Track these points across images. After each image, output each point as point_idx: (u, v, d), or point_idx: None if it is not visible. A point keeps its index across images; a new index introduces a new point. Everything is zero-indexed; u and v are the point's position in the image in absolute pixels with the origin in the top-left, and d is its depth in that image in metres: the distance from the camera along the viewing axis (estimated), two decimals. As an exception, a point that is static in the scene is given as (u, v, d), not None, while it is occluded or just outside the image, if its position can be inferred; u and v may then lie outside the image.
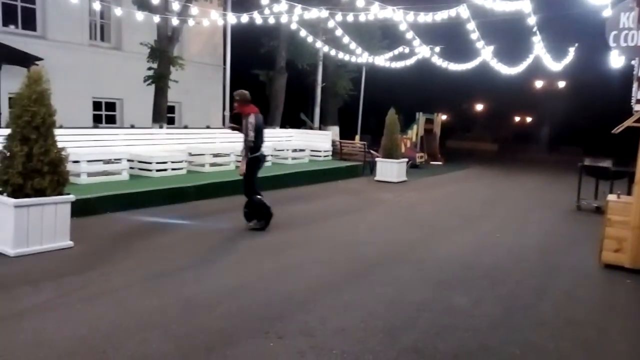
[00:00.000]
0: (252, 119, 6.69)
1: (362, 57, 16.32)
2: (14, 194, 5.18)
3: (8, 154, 5.22)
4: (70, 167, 5.86)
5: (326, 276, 5.15)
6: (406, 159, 14.12)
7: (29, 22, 14.87)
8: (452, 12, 10.90)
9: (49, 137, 5.29)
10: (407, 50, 17.55)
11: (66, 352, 3.25)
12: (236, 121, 7.14)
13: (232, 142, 13.01)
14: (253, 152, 6.81)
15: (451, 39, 17.19)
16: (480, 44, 14.35)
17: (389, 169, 13.18)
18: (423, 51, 16.64)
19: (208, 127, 16.05)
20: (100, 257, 5.38)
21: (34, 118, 5.16)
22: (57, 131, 5.50)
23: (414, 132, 18.18)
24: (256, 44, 18.08)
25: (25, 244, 5.23)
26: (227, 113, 15.36)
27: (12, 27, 14.48)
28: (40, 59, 12.63)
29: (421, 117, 18.63)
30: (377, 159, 13.74)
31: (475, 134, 35.25)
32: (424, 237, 7.13)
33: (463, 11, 10.73)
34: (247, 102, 6.86)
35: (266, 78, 18.31)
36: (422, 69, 19.51)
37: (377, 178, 13.27)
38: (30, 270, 4.80)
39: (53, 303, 4.07)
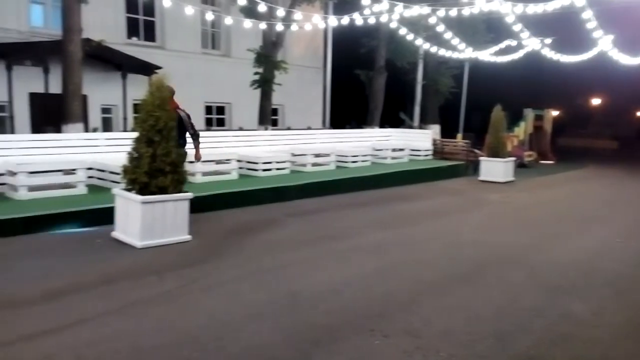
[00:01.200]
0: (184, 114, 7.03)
1: (464, 52, 15.76)
2: (140, 192, 5.71)
3: (136, 155, 5.77)
4: (187, 167, 6.33)
5: (429, 277, 5.08)
6: (513, 158, 13.42)
7: (149, 34, 16.28)
8: (566, 1, 10.16)
9: (170, 140, 5.77)
10: (514, 43, 16.65)
11: (188, 338, 3.54)
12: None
13: (333, 143, 13.28)
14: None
15: (564, 30, 16.03)
16: (597, 34, 13.22)
17: (495, 169, 12.62)
18: (532, 44, 15.68)
19: (309, 128, 16.47)
20: (214, 250, 5.76)
21: (157, 122, 5.65)
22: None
23: (522, 130, 17.22)
24: (356, 45, 18.21)
25: (150, 237, 5.74)
26: (328, 115, 15.63)
27: (134, 39, 15.94)
28: (159, 68, 13.77)
29: (530, 114, 17.59)
30: (480, 158, 13.22)
31: (591, 130, 32.50)
32: (534, 241, 6.74)
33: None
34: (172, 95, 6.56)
35: (365, 78, 18.36)
36: (530, 62, 18.40)
37: (481, 178, 12.77)
38: (155, 261, 5.27)
39: (176, 292, 4.44)
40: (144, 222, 5.66)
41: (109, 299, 4.21)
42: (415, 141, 15.12)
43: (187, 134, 7.11)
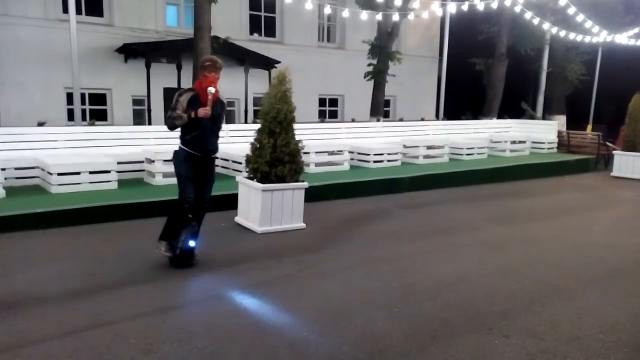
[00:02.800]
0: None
1: (598, 36, 14.38)
2: (261, 180, 6.03)
3: (258, 145, 6.09)
4: (302, 157, 6.53)
5: (554, 278, 4.76)
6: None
7: (270, 29, 17.01)
8: None
9: (289, 131, 6.00)
10: (658, 24, 14.84)
11: (307, 320, 3.69)
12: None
13: (446, 134, 12.90)
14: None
15: None
16: None
17: (631, 164, 11.39)
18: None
19: (422, 119, 16.15)
20: (328, 238, 5.92)
21: (279, 114, 5.91)
22: (294, 126, 6.21)
23: (665, 121, 15.31)
24: (473, 32, 17.43)
25: (269, 223, 6.05)
26: (442, 106, 15.21)
27: (256, 35, 16.76)
28: (278, 62, 14.37)
29: (675, 103, 15.56)
30: (614, 152, 12.02)
31: None
32: (680, 245, 6.01)
33: None
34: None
35: (484, 66, 17.52)
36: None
37: (614, 174, 11.61)
38: (273, 246, 5.55)
39: (293, 276, 4.64)
40: (263, 209, 5.97)
41: (233, 278, 4.52)
42: (538, 133, 14.15)
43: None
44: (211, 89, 4.63)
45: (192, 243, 4.78)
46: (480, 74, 17.85)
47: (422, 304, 4.04)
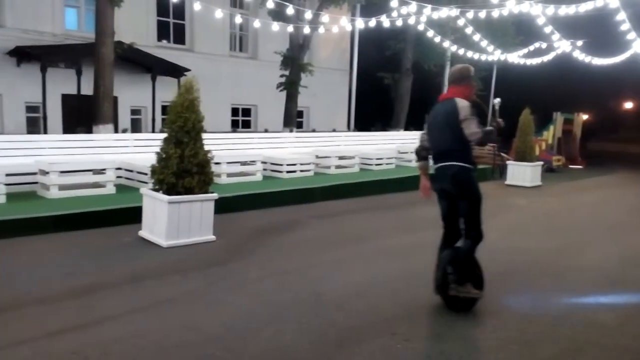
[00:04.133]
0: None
1: (493, 55, 15.59)
2: (168, 192, 5.81)
3: (164, 155, 5.87)
4: (212, 168, 6.40)
5: (454, 282, 5.01)
6: (541, 162, 13.18)
7: (179, 36, 16.57)
8: (599, 2, 9.95)
9: (198, 141, 5.85)
10: (544, 45, 16.38)
11: (212, 336, 3.58)
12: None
13: (357, 145, 13.26)
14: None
15: (596, 32, 15.70)
16: (631, 36, 12.89)
17: (522, 173, 12.41)
18: (563, 46, 15.40)
19: (334, 130, 16.50)
20: (238, 250, 5.82)
21: (186, 123, 5.74)
22: (203, 135, 6.07)
23: (551, 134, 16.88)
24: (382, 47, 18.19)
25: (176, 237, 5.83)
26: (353, 117, 15.62)
27: (164, 42, 16.24)
28: (188, 70, 14.00)
29: (559, 117, 17.24)
30: (508, 162, 13.02)
31: (623, 135, 31.66)
32: (563, 247, 6.60)
33: (612, 0, 9.74)
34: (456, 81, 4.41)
35: (392, 80, 18.30)
36: (561, 65, 18.07)
37: (508, 182, 12.57)
38: (180, 261, 5.35)
39: (200, 291, 4.50)
40: (170, 221, 5.75)
41: (135, 297, 4.29)
42: (441, 144, 14.96)
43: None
44: (498, 100, 4.52)
45: None
46: (389, 87, 18.62)
47: (331, 313, 4.08)
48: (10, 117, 13.21)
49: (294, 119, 14.87)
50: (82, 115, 11.72)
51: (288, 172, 10.32)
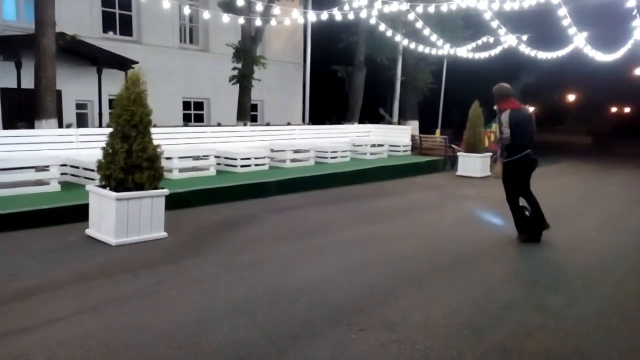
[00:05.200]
0: (504, 116, 6.08)
1: (443, 49, 15.90)
2: (115, 188, 5.62)
3: (110, 150, 5.67)
4: (163, 163, 6.24)
5: (408, 271, 5.11)
6: (490, 153, 13.61)
7: (126, 28, 16.02)
8: (542, -2, 10.32)
9: (146, 135, 5.68)
10: (491, 40, 16.85)
11: (163, 335, 3.50)
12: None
13: (312, 139, 13.26)
14: (511, 154, 6.17)
15: (540, 26, 16.29)
16: (572, 30, 13.46)
17: (472, 164, 12.77)
18: (509, 40, 15.91)
19: (289, 124, 16.43)
20: (191, 247, 5.71)
21: (133, 117, 5.56)
22: (152, 129, 5.90)
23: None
24: (335, 40, 18.21)
25: (125, 234, 5.65)
26: (308, 111, 15.60)
27: (110, 33, 15.67)
28: (135, 62, 13.57)
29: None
30: (458, 154, 13.37)
31: (567, 126, 33.18)
32: (511, 234, 6.84)
33: (554, -4, 10.13)
34: (504, 97, 6.24)
35: (345, 74, 18.37)
36: (508, 59, 18.66)
37: (458, 173, 12.91)
38: (130, 259, 5.19)
39: (151, 289, 4.38)
40: (118, 219, 5.57)
41: (82, 297, 4.13)
42: (395, 137, 15.21)
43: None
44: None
45: None
46: (342, 80, 18.70)
47: (286, 306, 4.07)
48: (-56, 112, 12.43)
49: (247, 113, 14.70)
50: (23, 110, 11.17)
51: (242, 166, 10.21)
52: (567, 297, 4.48)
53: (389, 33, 14.12)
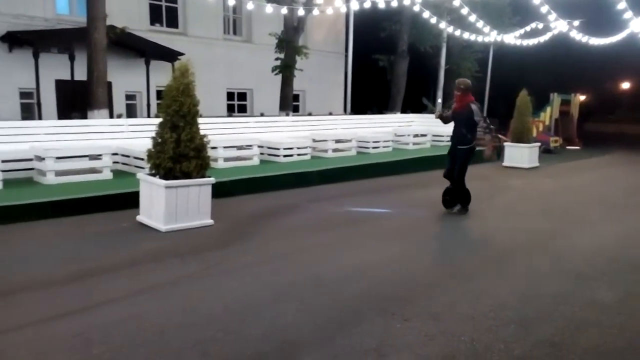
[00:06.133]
0: (476, 107, 6.86)
1: (489, 36, 15.49)
2: (164, 176, 5.79)
3: (160, 140, 5.84)
4: (209, 152, 6.37)
5: (453, 262, 5.06)
6: (538, 144, 13.20)
7: (172, 20, 16.37)
8: (596, -19, 9.85)
9: (193, 125, 5.81)
10: (540, 26, 16.27)
11: (212, 318, 3.61)
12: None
13: (353, 129, 13.22)
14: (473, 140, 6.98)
15: (592, 11, 15.61)
16: (628, 15, 12.82)
17: (519, 154, 12.43)
18: (559, 26, 15.31)
19: (330, 114, 16.43)
20: (236, 234, 5.83)
21: (181, 107, 5.70)
22: (198, 120, 6.03)
23: (548, 115, 16.88)
24: (377, 29, 18.03)
25: (174, 221, 5.83)
26: (349, 100, 15.56)
27: (157, 25, 16.05)
28: (182, 54, 13.87)
29: (556, 99, 17.22)
30: (505, 144, 13.03)
31: (620, 115, 31.69)
32: (560, 227, 6.65)
33: (609, -22, 9.65)
34: (469, 90, 6.96)
35: (387, 63, 18.19)
36: (557, 46, 18.01)
37: (505, 164, 12.59)
38: (178, 245, 5.36)
39: (199, 274, 4.51)
40: (167, 206, 5.74)
41: (135, 280, 4.30)
42: (438, 126, 14.93)
43: (480, 128, 7.05)
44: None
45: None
46: (384, 70, 18.51)
47: (330, 294, 4.11)
48: (4, 103, 13.09)
49: (290, 103, 14.79)
50: (76, 101, 11.63)
51: (285, 156, 10.29)
52: (621, 291, 4.33)
53: (433, 20, 13.86)
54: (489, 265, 4.99)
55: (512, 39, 16.92)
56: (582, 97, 19.73)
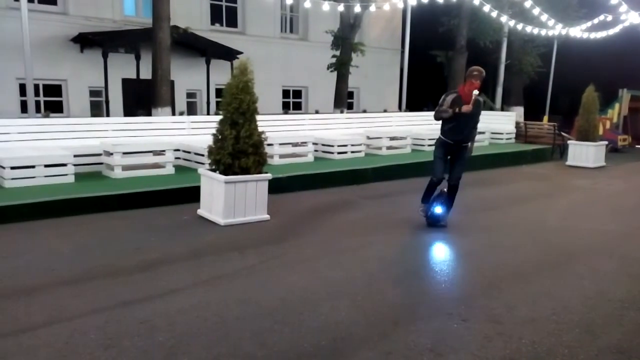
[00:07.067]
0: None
1: (553, 29, 14.84)
2: (224, 172, 5.97)
3: (220, 136, 6.02)
4: (265, 149, 6.50)
5: (512, 263, 4.92)
6: (605, 142, 12.54)
7: (231, 20, 16.77)
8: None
9: (252, 122, 5.95)
10: (609, 18, 15.41)
11: (269, 310, 3.70)
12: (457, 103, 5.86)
13: (409, 126, 13.07)
14: None
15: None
16: None
17: (584, 153, 11.86)
18: (631, 17, 14.44)
19: (385, 111, 16.31)
20: (292, 230, 5.93)
21: (241, 105, 5.85)
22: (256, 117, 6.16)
23: (616, 112, 16.00)
24: (434, 24, 17.67)
25: (232, 215, 6.00)
26: (404, 97, 15.38)
27: (217, 25, 16.49)
28: (240, 53, 14.20)
29: (625, 95, 16.29)
30: (569, 142, 12.48)
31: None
32: (628, 229, 6.31)
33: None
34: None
35: (445, 59, 17.81)
36: (628, 39, 16.96)
37: (569, 163, 12.06)
38: (237, 238, 5.51)
39: (256, 267, 4.63)
40: (227, 201, 5.91)
41: (197, 271, 4.47)
42: (497, 124, 14.52)
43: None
44: (475, 92, 5.69)
45: (438, 210, 6.04)
46: (441, 66, 18.15)
47: (385, 291, 4.11)
48: (76, 101, 13.90)
49: (344, 100, 14.81)
50: (141, 99, 12.16)
51: (339, 153, 10.33)
52: (697, 301, 4.07)
53: (494, 14, 13.45)
54: (549, 268, 4.81)
55: (578, 32, 16.12)
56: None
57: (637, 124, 17.07)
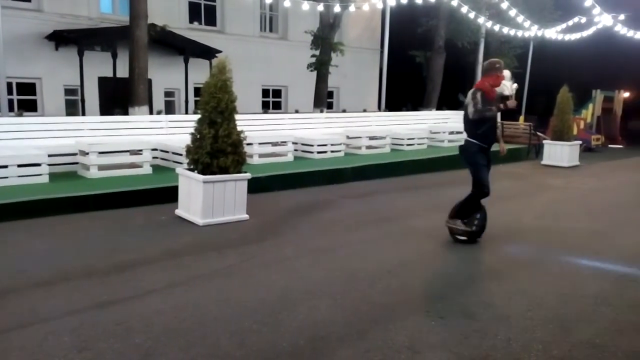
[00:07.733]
0: None
1: (529, 31, 15.10)
2: (202, 171, 5.92)
3: (198, 135, 5.97)
4: (245, 148, 6.46)
5: (488, 262, 4.99)
6: (579, 142, 12.81)
7: (210, 18, 16.63)
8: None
9: (231, 121, 5.92)
10: (583, 20, 15.76)
11: (248, 310, 3.68)
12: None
13: (388, 125, 13.15)
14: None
15: (639, 5, 14.99)
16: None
17: (559, 153, 12.10)
18: (604, 20, 14.79)
19: (364, 111, 16.37)
20: (271, 229, 5.91)
21: (219, 104, 5.81)
22: (235, 116, 6.13)
23: (589, 112, 16.36)
24: (413, 25, 17.82)
25: (211, 215, 5.95)
26: (384, 97, 15.47)
27: (196, 23, 16.33)
28: (219, 52, 14.08)
29: (598, 95, 16.67)
30: (544, 142, 12.71)
31: (667, 113, 30.31)
32: (602, 227, 6.45)
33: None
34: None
35: (423, 59, 17.97)
36: (601, 41, 17.38)
37: (544, 162, 12.29)
38: (215, 238, 5.47)
39: (235, 267, 4.61)
40: (205, 200, 5.87)
41: (174, 272, 4.43)
42: (475, 124, 14.69)
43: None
44: (515, 85, 5.40)
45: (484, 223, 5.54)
46: (420, 66, 18.30)
47: (364, 290, 4.13)
48: (51, 99, 13.61)
49: (324, 100, 14.83)
50: (118, 97, 11.98)
51: (319, 152, 10.34)
52: (666, 296, 4.18)
53: (472, 15, 13.62)
54: (525, 265, 4.90)
55: (553, 33, 16.45)
56: (626, 94, 19.03)
57: (610, 124, 17.48)
